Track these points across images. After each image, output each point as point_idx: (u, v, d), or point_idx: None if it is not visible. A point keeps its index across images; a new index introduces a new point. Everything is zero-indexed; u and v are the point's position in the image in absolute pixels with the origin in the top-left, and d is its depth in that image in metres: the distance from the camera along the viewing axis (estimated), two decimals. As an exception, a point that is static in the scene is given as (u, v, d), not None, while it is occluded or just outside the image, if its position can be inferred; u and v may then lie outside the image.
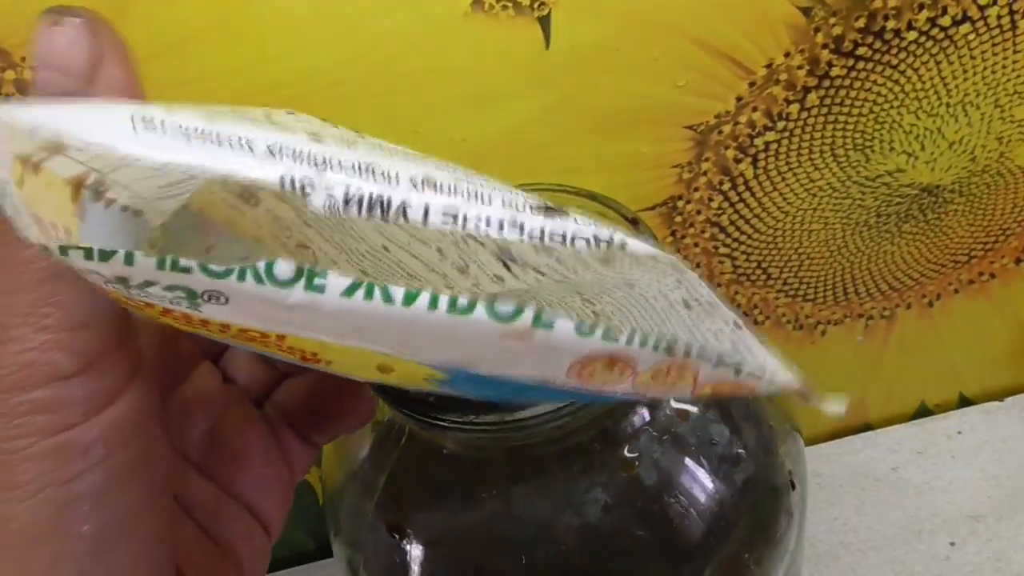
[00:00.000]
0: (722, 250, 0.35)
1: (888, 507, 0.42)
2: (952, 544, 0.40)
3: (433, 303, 0.11)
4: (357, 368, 0.14)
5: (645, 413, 0.22)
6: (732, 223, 0.34)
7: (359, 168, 0.11)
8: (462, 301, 0.11)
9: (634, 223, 0.22)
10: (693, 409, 0.23)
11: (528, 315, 0.11)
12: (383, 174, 0.11)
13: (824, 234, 0.35)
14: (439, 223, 0.11)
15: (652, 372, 0.13)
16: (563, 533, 0.21)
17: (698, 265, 0.35)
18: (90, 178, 0.11)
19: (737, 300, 0.37)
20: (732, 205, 0.33)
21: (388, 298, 0.11)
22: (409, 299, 0.11)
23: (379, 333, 0.11)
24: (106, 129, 0.10)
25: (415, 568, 0.22)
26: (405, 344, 0.11)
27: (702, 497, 0.22)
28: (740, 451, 0.23)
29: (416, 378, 0.13)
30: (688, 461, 0.22)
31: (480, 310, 0.11)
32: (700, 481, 0.22)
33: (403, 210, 0.11)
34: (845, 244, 0.35)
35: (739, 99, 0.30)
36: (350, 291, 0.11)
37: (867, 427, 0.44)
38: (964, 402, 0.44)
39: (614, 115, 0.30)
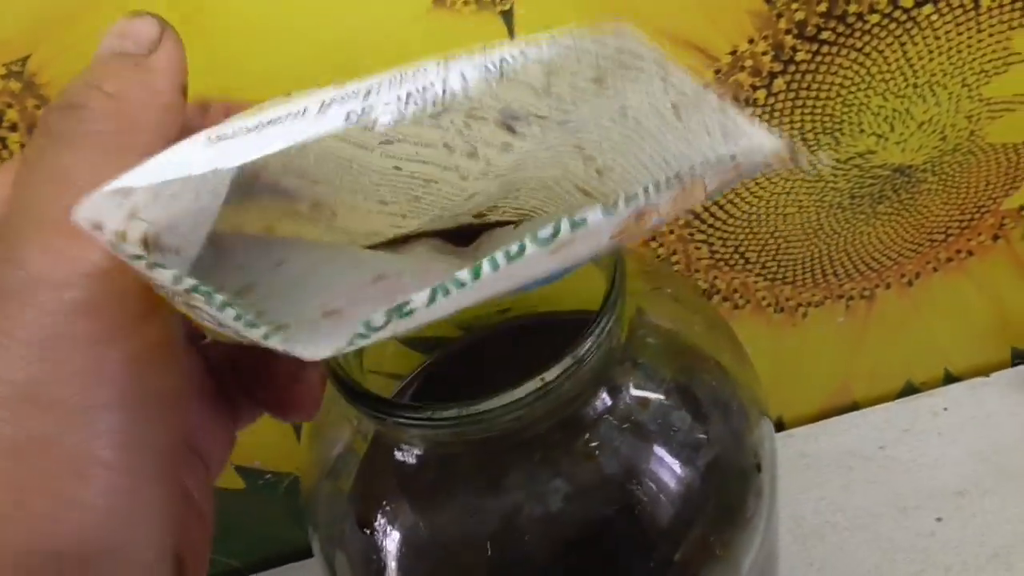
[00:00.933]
0: (698, 236, 0.35)
1: (875, 485, 0.42)
2: (938, 520, 0.40)
3: (493, 265, 0.12)
4: None
5: (606, 399, 0.22)
6: (706, 209, 0.34)
7: (392, 84, 0.13)
8: (513, 248, 0.12)
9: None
10: (654, 396, 0.23)
11: (565, 226, 0.12)
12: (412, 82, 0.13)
13: (799, 217, 0.35)
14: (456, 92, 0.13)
15: (671, 203, 0.14)
16: (527, 524, 0.21)
17: (674, 252, 0.35)
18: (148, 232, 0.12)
19: (717, 285, 0.37)
20: (704, 191, 0.33)
21: (460, 284, 0.12)
22: (476, 272, 0.12)
23: (459, 307, 0.12)
24: (181, 153, 0.12)
25: (387, 562, 0.23)
26: (479, 299, 0.13)
27: (664, 483, 0.22)
28: (702, 436, 0.23)
29: None
30: (649, 448, 0.22)
31: (530, 247, 0.12)
32: (662, 468, 0.22)
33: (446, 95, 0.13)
34: (821, 226, 0.36)
35: (706, 87, 0.30)
36: (431, 300, 0.12)
37: (854, 407, 0.45)
38: (949, 379, 0.45)
39: (580, 107, 0.30)
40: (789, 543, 0.41)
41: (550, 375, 0.19)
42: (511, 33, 0.27)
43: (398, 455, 0.22)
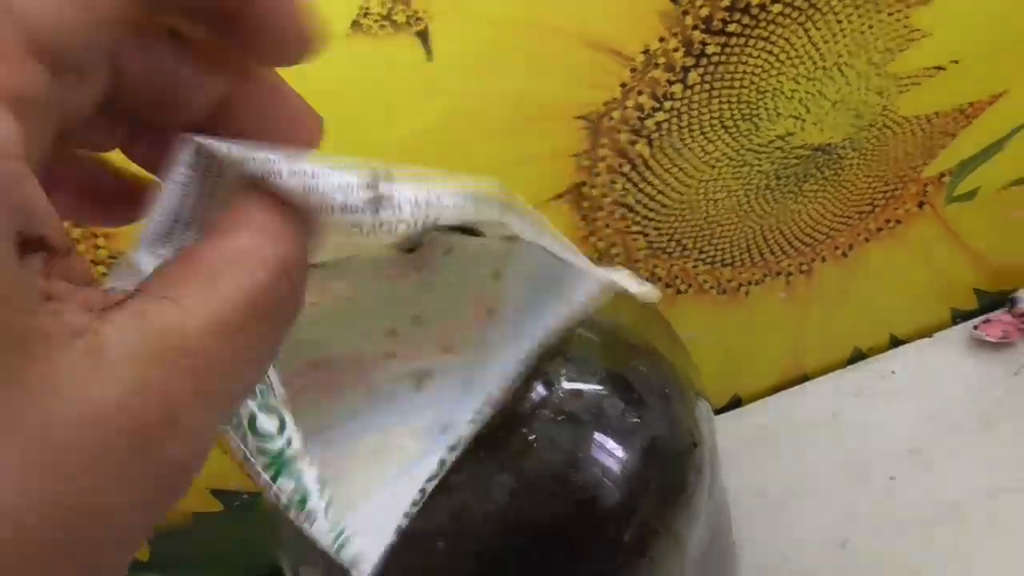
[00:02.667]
0: (634, 228, 0.36)
1: (830, 451, 0.43)
2: (892, 479, 0.42)
3: None
4: None
5: (541, 393, 0.23)
6: (639, 202, 0.35)
7: None
8: None
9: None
10: (587, 387, 0.24)
11: None
12: None
13: (729, 201, 0.36)
14: None
15: None
16: (473, 519, 0.22)
17: (613, 244, 0.37)
18: None
19: (657, 272, 0.38)
20: (635, 185, 0.35)
21: None
22: None
23: None
24: None
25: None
26: None
27: (603, 469, 0.23)
28: (636, 420, 0.24)
29: None
30: (585, 436, 0.23)
31: None
32: (599, 454, 0.23)
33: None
34: (751, 208, 0.37)
35: (623, 85, 0.31)
36: None
37: (806, 378, 0.46)
38: (896, 342, 0.46)
39: (505, 115, 0.31)
40: (754, 513, 0.42)
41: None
42: (428, 52, 0.29)
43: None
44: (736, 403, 0.46)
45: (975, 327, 0.44)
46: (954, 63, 0.33)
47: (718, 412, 0.46)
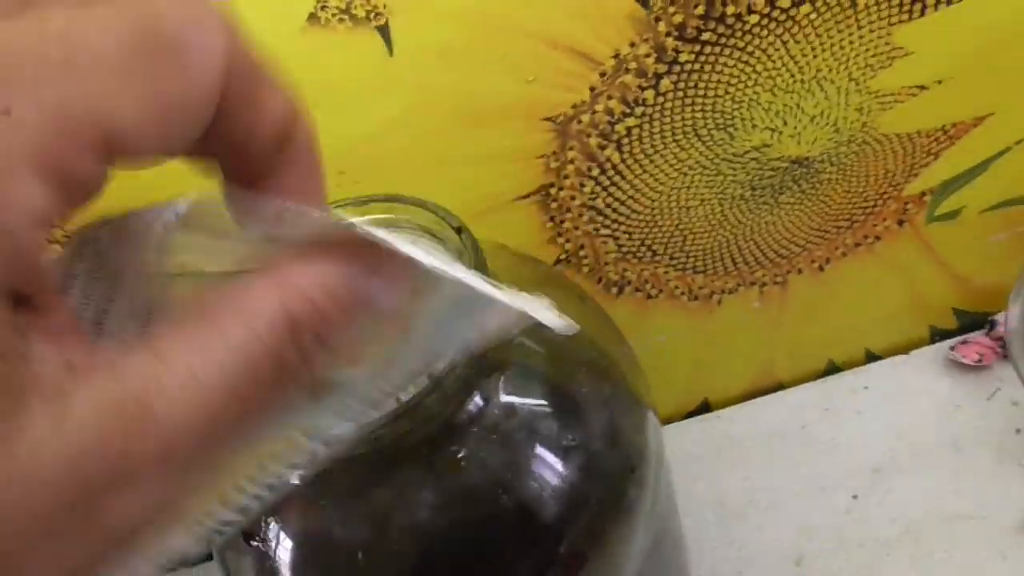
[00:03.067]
0: (603, 231, 0.36)
1: (795, 464, 0.43)
2: (854, 497, 0.41)
3: None
4: None
5: (474, 411, 0.23)
6: (608, 205, 0.35)
7: None
8: None
9: (459, 231, 0.23)
10: (522, 405, 0.24)
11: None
12: None
13: (702, 209, 0.36)
14: None
15: None
16: (396, 534, 0.22)
17: (582, 247, 0.36)
18: None
19: (627, 276, 0.38)
20: (605, 189, 0.34)
21: None
22: None
23: None
24: None
25: (271, 573, 0.24)
26: None
27: (531, 489, 0.23)
28: (571, 440, 0.24)
29: None
30: (517, 455, 0.23)
31: None
32: (529, 474, 0.23)
33: None
34: (725, 217, 0.36)
35: (592, 89, 0.31)
36: None
37: (779, 387, 0.46)
38: (872, 357, 0.46)
39: (470, 113, 0.30)
40: (711, 523, 0.42)
41: (405, 395, 0.20)
42: (389, 47, 0.28)
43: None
44: (705, 408, 0.46)
45: (952, 348, 0.43)
46: (937, 83, 0.32)
47: (685, 416, 0.46)
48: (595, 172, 0.33)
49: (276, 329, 0.12)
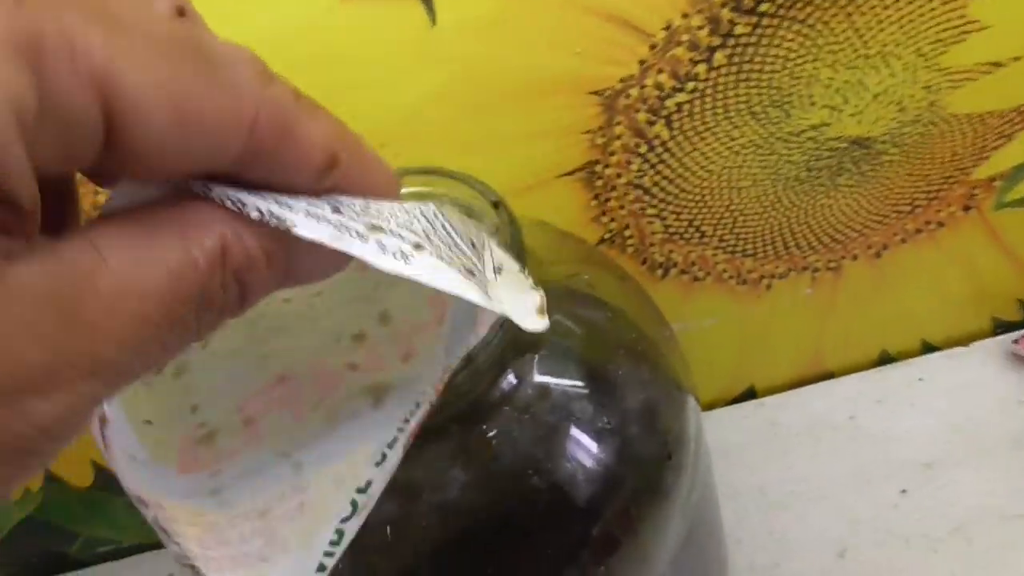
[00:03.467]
0: (649, 211, 0.35)
1: (842, 456, 0.42)
2: (903, 492, 0.40)
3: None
4: None
5: (507, 390, 0.22)
6: (655, 184, 0.34)
7: None
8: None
9: (496, 205, 0.23)
10: (556, 386, 0.23)
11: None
12: None
13: (754, 190, 0.34)
14: None
15: None
16: (425, 510, 0.22)
17: (627, 226, 0.35)
18: None
19: (673, 258, 0.37)
20: (653, 167, 0.33)
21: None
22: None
23: None
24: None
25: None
26: None
27: (564, 471, 0.22)
28: (606, 424, 0.23)
29: None
30: (548, 436, 0.23)
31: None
32: (561, 456, 0.22)
33: None
34: (778, 199, 0.35)
35: (642, 62, 0.30)
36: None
37: (829, 375, 0.44)
38: (927, 348, 0.44)
39: (514, 87, 0.30)
40: (752, 513, 0.41)
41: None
42: (432, 17, 0.27)
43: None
44: (750, 395, 0.45)
45: (1015, 341, 0.41)
46: (1014, 60, 0.30)
47: (730, 403, 0.45)
48: (643, 149, 0.32)
49: (212, 261, 0.12)
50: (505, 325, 0.21)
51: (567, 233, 0.28)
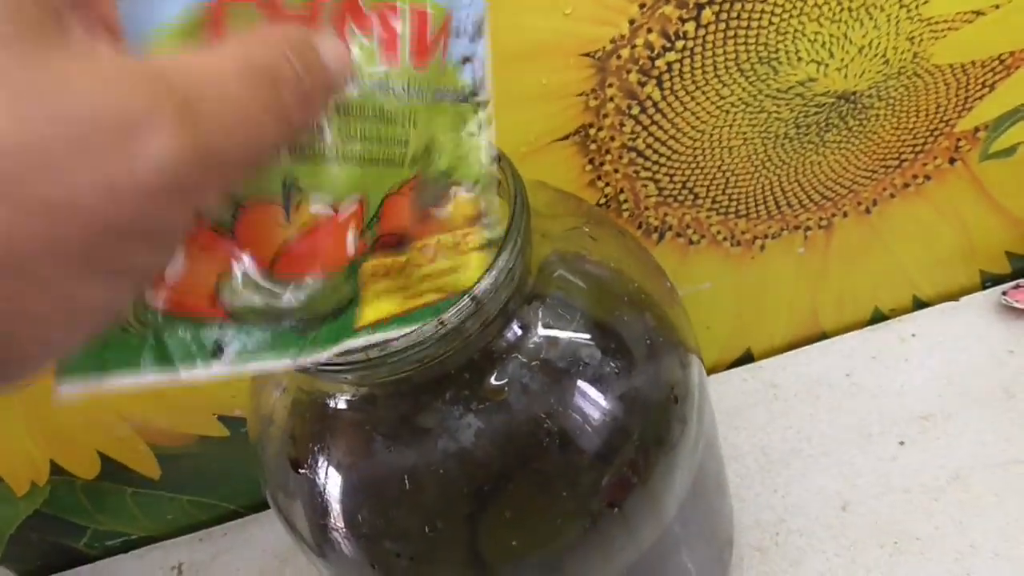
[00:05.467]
0: (643, 174, 0.35)
1: (840, 412, 0.42)
2: (901, 444, 0.41)
3: None
4: None
5: (515, 338, 0.23)
6: (648, 146, 0.34)
7: None
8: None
9: (497, 159, 0.23)
10: (563, 334, 0.24)
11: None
12: None
13: (745, 149, 0.35)
14: None
15: None
16: (440, 458, 0.22)
17: (621, 190, 0.36)
18: None
19: (668, 221, 0.37)
20: (645, 128, 0.33)
21: None
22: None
23: None
24: None
25: (319, 500, 0.24)
26: None
27: (573, 417, 0.23)
28: (613, 370, 0.24)
29: None
30: (558, 383, 0.23)
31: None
32: (570, 402, 0.23)
33: None
34: (768, 158, 0.36)
35: (632, 22, 0.30)
36: None
37: (823, 336, 0.45)
38: (919, 305, 0.45)
39: (505, 50, 0.30)
40: (755, 471, 0.42)
41: (447, 316, 0.20)
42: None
43: (323, 400, 0.23)
44: (748, 359, 0.45)
45: (1004, 293, 0.42)
46: (995, 7, 0.31)
47: (728, 367, 0.45)
48: (635, 111, 0.33)
49: (270, 46, 0.14)
50: (512, 271, 0.21)
51: (565, 191, 0.29)
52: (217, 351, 0.16)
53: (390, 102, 0.17)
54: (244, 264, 0.16)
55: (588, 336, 0.24)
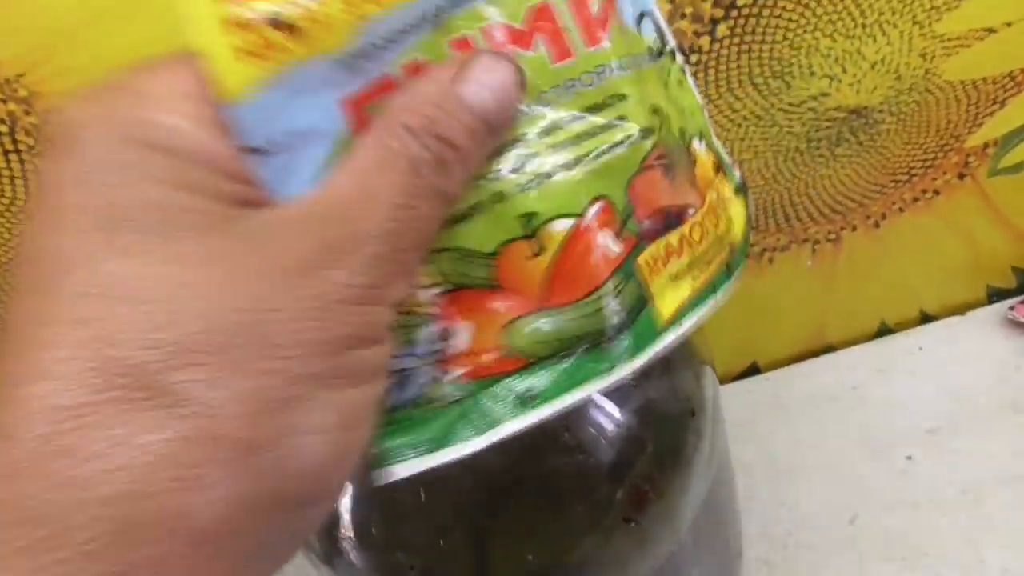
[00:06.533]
0: (654, 186, 0.35)
1: (846, 426, 0.42)
2: (909, 458, 0.41)
3: None
4: None
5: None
6: (660, 159, 0.34)
7: None
8: None
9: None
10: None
11: None
12: None
13: (756, 163, 0.35)
14: None
15: None
16: (457, 473, 0.22)
17: (632, 203, 0.36)
18: None
19: (678, 234, 0.37)
20: (657, 141, 0.33)
21: None
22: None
23: None
24: None
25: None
26: None
27: (589, 430, 0.23)
28: (631, 383, 0.24)
29: None
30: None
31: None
32: (586, 413, 0.23)
33: None
34: (779, 171, 0.36)
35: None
36: None
37: (830, 349, 0.45)
38: (926, 318, 0.45)
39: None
40: (760, 484, 0.41)
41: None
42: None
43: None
44: (754, 371, 0.45)
45: (1010, 308, 0.42)
46: (1007, 25, 0.31)
47: (735, 379, 0.45)
48: (648, 123, 0.33)
49: (402, 136, 0.14)
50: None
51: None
52: (527, 400, 0.16)
53: (586, 94, 0.16)
54: (517, 309, 0.16)
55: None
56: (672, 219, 0.17)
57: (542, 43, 0.15)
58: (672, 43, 0.19)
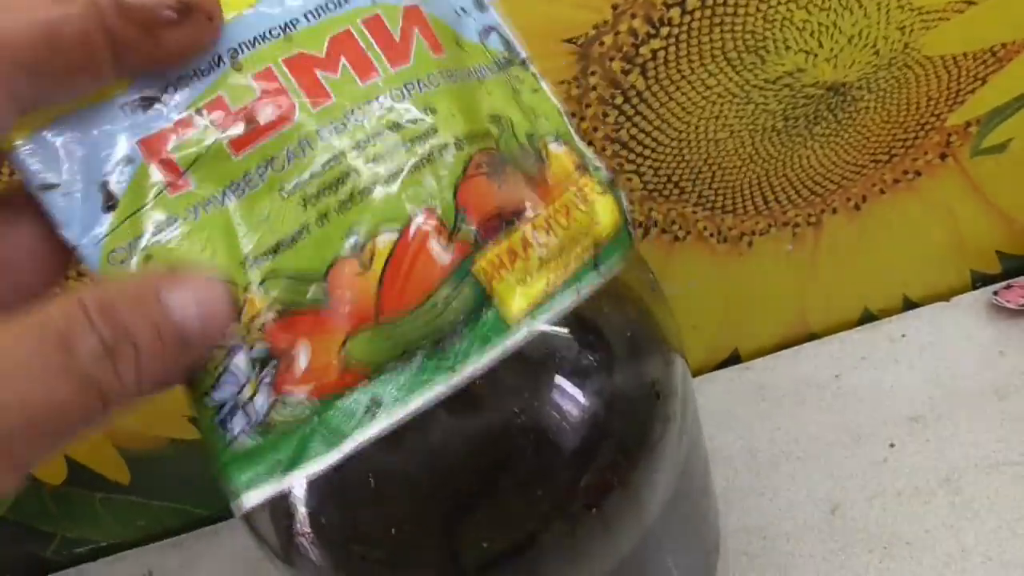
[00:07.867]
0: (627, 167, 0.34)
1: (829, 414, 0.42)
2: (891, 446, 0.40)
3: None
4: None
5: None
6: (633, 137, 0.33)
7: None
8: None
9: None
10: (539, 328, 0.22)
11: None
12: None
13: (732, 142, 0.34)
14: None
15: None
16: (409, 456, 0.21)
17: (605, 184, 0.35)
18: None
19: (653, 215, 0.36)
20: (629, 119, 0.32)
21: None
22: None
23: None
24: None
25: (284, 502, 0.23)
26: None
27: (550, 413, 0.22)
28: (591, 364, 0.23)
29: None
30: (533, 376, 0.22)
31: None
32: (547, 396, 0.22)
33: None
34: (756, 151, 0.35)
35: (615, 7, 0.29)
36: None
37: (812, 337, 0.44)
38: (909, 305, 0.44)
39: (486, 35, 0.29)
40: (742, 473, 0.41)
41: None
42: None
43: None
44: (735, 359, 0.45)
45: (995, 292, 0.41)
46: (986, -3, 0.30)
47: (715, 368, 0.45)
48: (619, 100, 0.32)
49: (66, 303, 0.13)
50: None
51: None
52: (374, 408, 0.16)
53: (392, 112, 0.17)
54: (353, 324, 0.16)
55: (565, 329, 0.23)
56: (511, 220, 0.18)
57: (347, 65, 0.16)
58: (524, 54, 0.20)
